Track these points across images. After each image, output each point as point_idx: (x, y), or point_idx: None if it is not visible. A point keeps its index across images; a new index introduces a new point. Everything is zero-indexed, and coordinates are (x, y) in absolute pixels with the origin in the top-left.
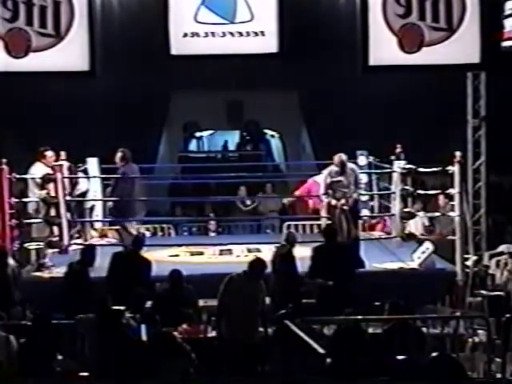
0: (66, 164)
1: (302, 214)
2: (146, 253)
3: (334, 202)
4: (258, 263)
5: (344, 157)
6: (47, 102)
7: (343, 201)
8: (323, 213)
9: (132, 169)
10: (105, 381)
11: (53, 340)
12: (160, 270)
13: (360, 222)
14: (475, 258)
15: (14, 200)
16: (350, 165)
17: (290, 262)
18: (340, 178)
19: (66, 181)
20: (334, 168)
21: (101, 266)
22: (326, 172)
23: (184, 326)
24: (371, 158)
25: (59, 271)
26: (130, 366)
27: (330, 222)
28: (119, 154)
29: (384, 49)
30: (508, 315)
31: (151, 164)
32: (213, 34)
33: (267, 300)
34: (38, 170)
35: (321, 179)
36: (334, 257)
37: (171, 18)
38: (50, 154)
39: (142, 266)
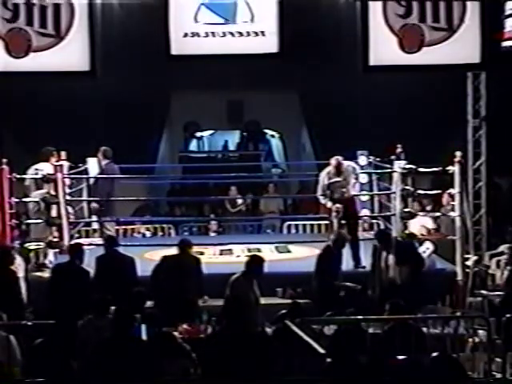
0: (66, 164)
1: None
2: (147, 253)
3: (329, 204)
4: (252, 260)
5: (340, 158)
6: (47, 102)
7: (338, 205)
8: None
9: (112, 168)
10: (106, 381)
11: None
12: None
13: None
14: (475, 257)
15: (14, 200)
16: (348, 162)
17: (334, 263)
18: (337, 179)
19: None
20: (330, 169)
21: None
22: (323, 173)
23: (184, 325)
24: (371, 158)
25: None
26: (131, 366)
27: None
28: (100, 153)
29: (384, 49)
30: (508, 315)
31: (151, 164)
32: (213, 33)
33: None
34: (46, 169)
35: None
36: None
37: (171, 17)
38: (55, 153)
39: (124, 264)
